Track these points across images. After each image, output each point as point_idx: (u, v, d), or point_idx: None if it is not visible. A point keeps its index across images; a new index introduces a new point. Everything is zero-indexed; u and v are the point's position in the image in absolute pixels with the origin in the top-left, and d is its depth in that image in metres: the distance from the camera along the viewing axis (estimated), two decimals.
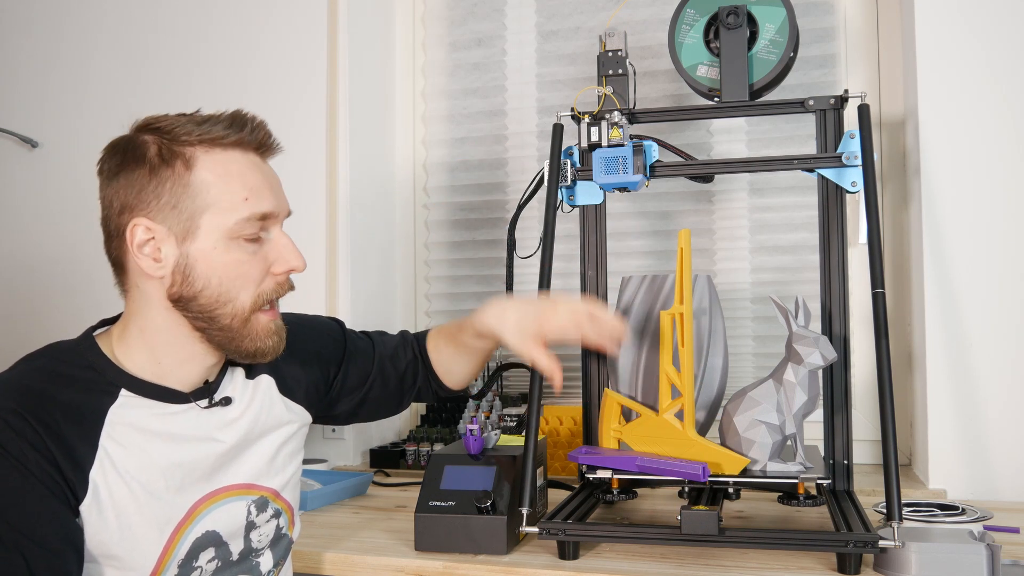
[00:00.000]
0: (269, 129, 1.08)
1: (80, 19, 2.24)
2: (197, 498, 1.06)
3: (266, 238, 1.06)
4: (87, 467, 0.97)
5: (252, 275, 1.04)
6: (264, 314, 1.07)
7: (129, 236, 1.01)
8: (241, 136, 1.04)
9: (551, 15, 2.11)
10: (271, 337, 1.07)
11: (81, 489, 0.96)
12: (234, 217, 1.02)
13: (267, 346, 1.07)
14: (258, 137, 1.06)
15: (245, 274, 1.03)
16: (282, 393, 1.20)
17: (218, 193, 1.01)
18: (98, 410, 1.00)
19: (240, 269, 1.03)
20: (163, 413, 1.04)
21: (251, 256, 1.04)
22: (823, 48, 1.90)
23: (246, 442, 1.12)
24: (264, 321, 1.07)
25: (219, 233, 1.01)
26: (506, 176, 2.14)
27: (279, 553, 1.18)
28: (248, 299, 1.04)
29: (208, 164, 1.02)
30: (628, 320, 1.44)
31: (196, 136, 1.01)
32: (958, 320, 1.58)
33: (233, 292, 1.03)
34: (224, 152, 1.03)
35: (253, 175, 1.04)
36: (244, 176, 1.03)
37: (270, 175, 1.08)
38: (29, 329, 2.23)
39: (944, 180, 1.59)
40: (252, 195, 1.03)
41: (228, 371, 1.14)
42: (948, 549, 1.11)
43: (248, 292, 1.04)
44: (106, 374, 1.02)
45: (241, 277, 1.03)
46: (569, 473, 1.79)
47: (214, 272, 1.02)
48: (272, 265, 1.06)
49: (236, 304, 1.03)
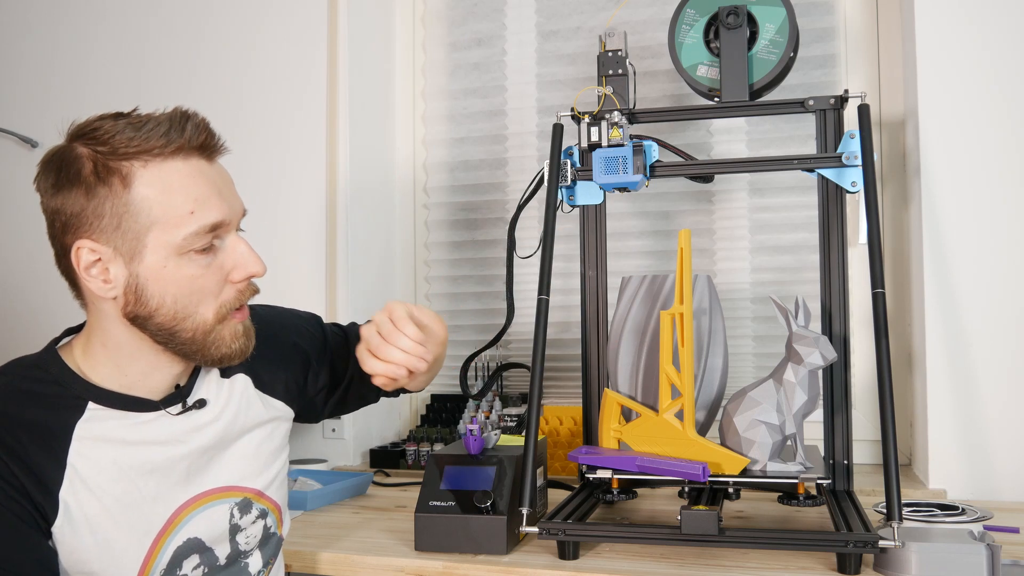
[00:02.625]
0: (211, 128, 1.01)
1: (80, 19, 2.24)
2: (177, 505, 1.04)
3: (220, 246, 1.01)
4: (55, 488, 0.95)
5: (208, 288, 1.00)
6: (231, 320, 1.03)
7: (75, 259, 0.97)
8: (181, 142, 0.97)
9: (551, 15, 2.11)
10: (238, 340, 1.04)
11: (51, 511, 0.95)
12: (181, 233, 0.96)
13: (234, 350, 1.04)
14: (200, 139, 0.99)
15: (201, 288, 0.99)
16: (259, 389, 1.16)
17: (162, 210, 0.95)
18: (65, 427, 0.97)
19: (195, 284, 0.98)
20: (133, 423, 1.02)
21: (205, 269, 0.99)
22: (823, 48, 1.90)
23: (223, 443, 1.10)
24: (231, 326, 1.03)
25: (167, 250, 0.96)
26: (506, 176, 2.14)
27: (268, 553, 1.17)
28: (210, 312, 1.00)
29: (147, 179, 0.95)
30: (627, 320, 1.45)
31: (134, 147, 0.95)
32: (958, 320, 1.58)
33: (191, 307, 0.99)
34: (164, 163, 0.96)
35: (197, 184, 0.98)
36: (187, 187, 0.97)
37: (217, 179, 1.01)
38: (29, 329, 2.23)
39: (944, 180, 1.59)
40: (198, 207, 0.97)
41: (201, 372, 1.11)
42: (948, 549, 1.11)
43: (208, 305, 1.00)
44: (72, 388, 1.00)
45: (197, 292, 0.99)
46: (569, 473, 1.79)
47: (167, 290, 0.97)
48: (230, 273, 1.01)
49: (196, 319, 1.00)
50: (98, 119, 0.98)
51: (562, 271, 2.00)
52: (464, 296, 2.17)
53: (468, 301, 2.16)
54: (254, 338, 1.08)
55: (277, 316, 1.28)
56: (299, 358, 1.25)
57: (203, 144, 0.99)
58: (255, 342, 1.12)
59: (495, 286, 2.13)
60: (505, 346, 2.08)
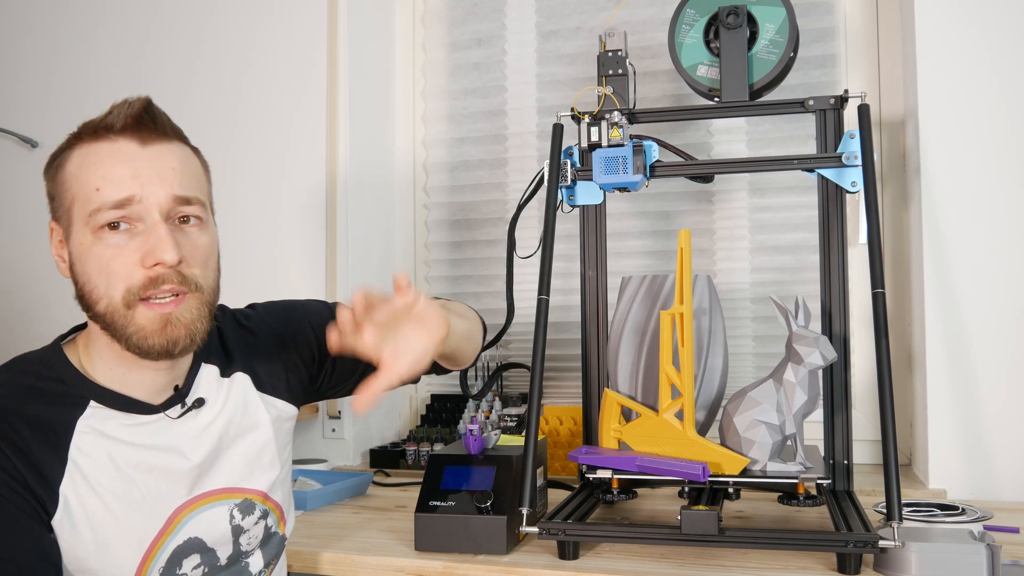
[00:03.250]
0: (141, 112, 0.99)
1: (80, 19, 2.24)
2: (176, 506, 1.04)
3: (143, 229, 0.98)
4: (56, 482, 0.96)
5: (116, 269, 0.97)
6: (145, 308, 0.98)
7: (49, 240, 1.04)
8: (106, 125, 0.98)
9: (551, 15, 2.11)
10: (159, 334, 0.98)
11: (51, 504, 0.95)
12: (88, 208, 0.97)
13: (155, 343, 0.98)
14: (122, 123, 0.98)
15: (109, 268, 0.97)
16: (259, 390, 1.15)
17: (78, 186, 0.98)
18: (67, 423, 0.98)
19: (105, 263, 0.97)
20: (133, 424, 1.02)
21: (119, 249, 0.97)
22: (823, 48, 1.90)
23: (223, 445, 1.09)
24: (145, 316, 0.98)
25: (82, 226, 0.98)
26: (506, 176, 2.14)
27: (270, 552, 1.16)
28: (118, 294, 0.97)
29: (73, 158, 1.00)
30: (627, 320, 1.45)
31: (77, 133, 1.01)
32: (958, 320, 1.58)
33: (102, 288, 0.98)
34: (89, 144, 0.99)
35: (110, 163, 0.97)
36: (100, 165, 0.98)
37: (143, 161, 0.98)
38: (29, 329, 2.23)
39: (944, 180, 1.59)
40: (104, 183, 0.97)
41: (201, 370, 1.10)
42: (948, 549, 1.11)
43: (117, 288, 0.97)
44: (74, 385, 1.00)
45: (105, 272, 0.97)
46: (569, 473, 1.79)
47: (85, 267, 0.99)
48: (144, 258, 0.98)
49: (107, 300, 0.98)
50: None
51: (562, 271, 2.00)
52: (464, 296, 2.17)
53: (468, 301, 2.15)
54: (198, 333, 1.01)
55: (281, 309, 1.25)
56: (301, 350, 1.22)
57: (127, 126, 0.98)
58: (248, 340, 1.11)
59: (495, 286, 2.13)
60: (505, 346, 2.08)
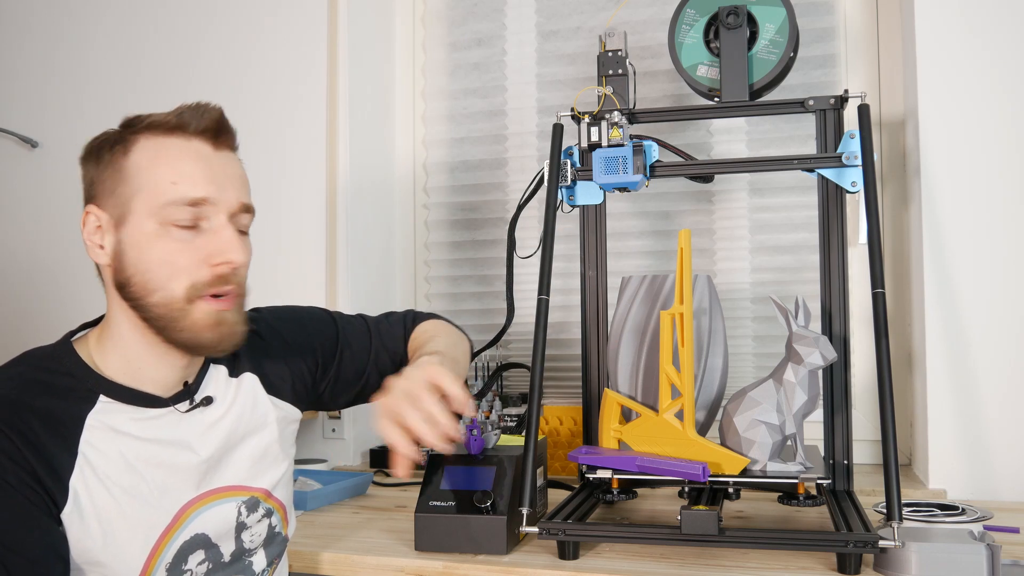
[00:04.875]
0: (220, 117, 1.04)
1: (80, 19, 2.24)
2: (184, 501, 1.05)
3: (207, 228, 1.01)
4: (66, 475, 0.96)
5: (182, 264, 1.00)
6: (205, 303, 1.01)
7: (82, 224, 1.04)
8: (182, 121, 1.01)
9: (551, 15, 2.11)
10: (211, 330, 1.02)
11: (61, 497, 0.96)
12: (159, 201, 0.99)
13: (206, 339, 1.02)
14: (202, 125, 1.02)
15: (174, 263, 1.00)
16: (267, 392, 1.17)
17: (147, 177, 1.00)
18: (77, 416, 0.99)
19: (170, 257, 0.99)
20: (142, 418, 1.03)
21: (183, 244, 1.00)
22: (823, 48, 1.90)
23: (231, 443, 1.11)
24: (203, 311, 1.01)
25: (147, 217, 0.99)
26: (506, 176, 2.14)
27: (273, 552, 1.17)
28: (180, 288, 1.00)
29: (142, 148, 1.01)
30: (627, 320, 1.45)
31: (144, 124, 1.02)
32: (958, 320, 1.58)
33: (161, 280, 1.00)
34: (162, 138, 1.01)
35: (188, 161, 1.01)
36: (176, 161, 1.00)
37: (217, 165, 1.03)
38: (29, 329, 2.23)
39: (944, 180, 1.59)
40: (182, 180, 0.99)
41: (209, 369, 1.12)
42: (948, 549, 1.11)
43: (179, 282, 1.00)
44: (84, 380, 1.01)
45: (169, 265, 0.99)
46: (569, 473, 1.79)
47: (141, 258, 1.00)
48: (210, 256, 1.01)
49: (165, 292, 1.00)
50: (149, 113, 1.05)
51: (562, 271, 2.00)
52: (464, 296, 2.17)
53: (468, 301, 2.16)
54: (239, 335, 1.06)
55: (286, 317, 1.28)
56: (307, 358, 1.25)
57: (206, 129, 1.03)
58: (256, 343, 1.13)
59: (495, 286, 2.13)
60: (505, 346, 2.08)
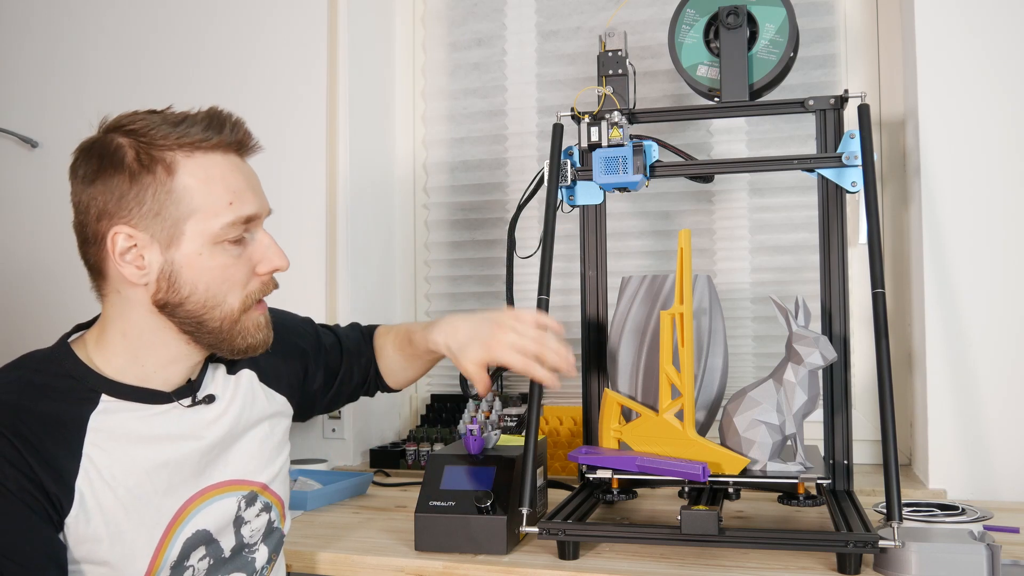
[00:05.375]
0: (247, 128, 1.06)
1: (80, 19, 2.24)
2: (186, 498, 1.06)
3: (250, 239, 1.05)
4: (71, 478, 0.96)
5: (238, 278, 1.04)
6: (254, 311, 1.07)
7: (111, 244, 0.99)
8: (221, 138, 1.02)
9: (551, 15, 2.11)
10: (261, 331, 1.08)
11: (67, 501, 0.96)
12: (219, 222, 1.01)
13: (258, 340, 1.08)
14: (237, 137, 1.04)
15: (231, 277, 1.03)
16: (263, 382, 1.20)
17: (202, 199, 1.00)
18: (79, 418, 0.99)
19: (226, 273, 1.03)
20: (146, 415, 1.04)
21: (236, 259, 1.03)
22: (823, 48, 1.90)
23: (231, 438, 1.12)
24: (254, 317, 1.07)
25: (204, 238, 1.00)
26: (506, 176, 2.14)
27: (272, 547, 1.18)
28: (236, 301, 1.04)
29: (190, 169, 1.00)
30: (627, 320, 1.45)
31: (175, 140, 0.99)
32: (958, 320, 1.58)
33: (220, 296, 1.03)
34: (205, 156, 1.01)
35: (235, 178, 1.03)
36: (227, 179, 1.02)
37: (251, 175, 1.07)
38: (29, 329, 2.23)
39: (944, 180, 1.59)
40: (236, 199, 1.02)
41: (209, 368, 1.13)
42: (948, 549, 1.11)
43: (236, 295, 1.04)
44: (85, 381, 1.01)
45: (228, 281, 1.03)
46: (569, 473, 1.79)
47: (200, 278, 1.01)
48: (257, 266, 1.06)
49: (224, 308, 1.03)
50: (133, 113, 1.02)
51: (562, 271, 2.00)
52: (464, 296, 2.17)
53: (468, 301, 2.16)
54: (272, 334, 1.11)
55: (278, 315, 1.30)
56: (299, 356, 1.29)
57: (240, 142, 1.05)
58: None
59: (495, 286, 2.13)
60: None
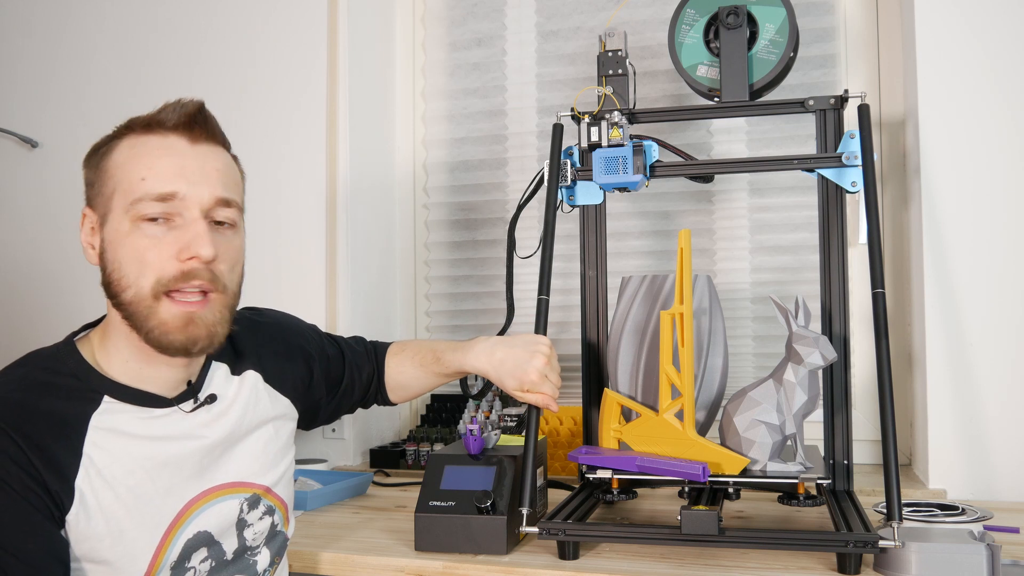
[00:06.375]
0: (195, 111, 1.03)
1: (80, 19, 2.24)
2: (188, 499, 1.06)
3: (180, 223, 1.00)
4: (72, 476, 0.96)
5: (152, 260, 0.99)
6: (172, 304, 1.00)
7: (80, 225, 1.05)
8: (158, 117, 1.02)
9: (551, 15, 2.11)
10: (181, 331, 1.00)
11: (67, 499, 0.96)
12: (130, 197, 1.00)
13: (175, 340, 1.01)
14: (175, 120, 1.02)
15: (144, 259, 0.99)
16: (267, 382, 1.19)
17: (122, 174, 1.01)
18: (81, 417, 0.99)
19: (141, 254, 0.99)
20: (147, 417, 1.04)
21: (154, 240, 0.99)
22: (823, 48, 1.90)
23: (233, 439, 1.12)
24: (172, 310, 1.00)
25: (122, 214, 1.00)
26: (506, 176, 2.14)
27: (275, 551, 1.18)
28: (148, 284, 0.99)
29: (121, 148, 1.02)
30: (627, 320, 1.45)
31: (128, 123, 1.03)
32: (958, 320, 1.58)
33: (133, 276, 0.99)
34: (139, 136, 1.02)
35: (158, 156, 1.01)
36: (148, 157, 1.01)
37: (191, 159, 1.02)
38: (29, 329, 2.23)
39: (944, 180, 1.59)
40: (151, 175, 0.99)
41: (212, 368, 1.13)
42: (948, 549, 1.11)
43: (148, 277, 0.99)
44: (88, 381, 1.02)
45: (139, 261, 0.99)
46: (569, 473, 1.79)
47: (117, 254, 1.00)
48: (180, 251, 1.00)
49: (135, 289, 0.99)
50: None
51: (562, 271, 2.00)
52: (464, 296, 2.17)
53: (468, 301, 2.16)
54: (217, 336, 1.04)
55: (286, 319, 1.32)
56: (304, 360, 1.28)
57: (179, 124, 1.03)
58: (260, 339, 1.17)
59: (495, 286, 2.13)
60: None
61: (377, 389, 1.41)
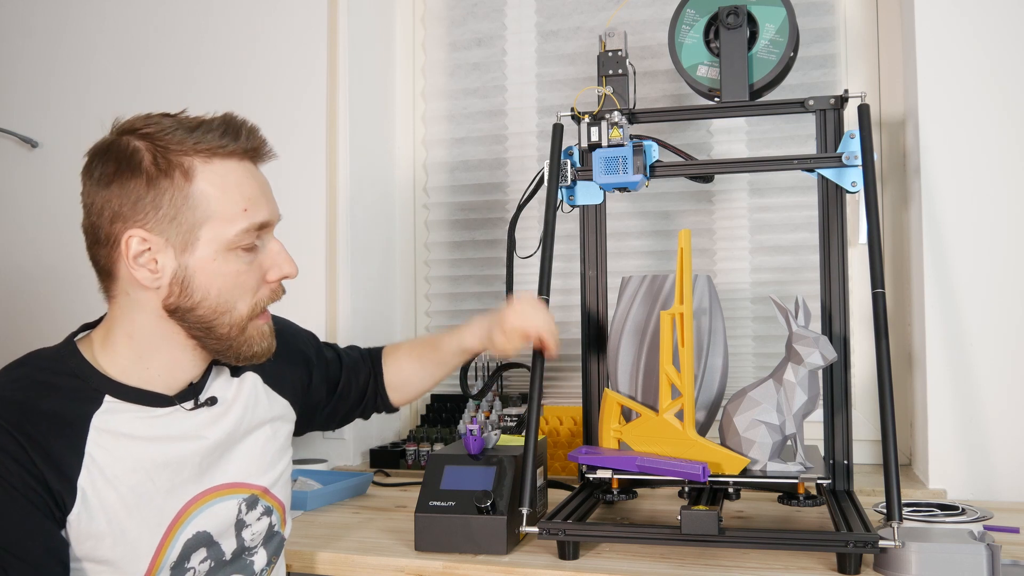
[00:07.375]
0: (262, 135, 1.08)
1: (80, 19, 2.24)
2: (187, 499, 1.06)
3: (261, 246, 1.06)
4: (74, 476, 0.97)
5: (249, 284, 1.05)
6: (259, 319, 1.08)
7: (124, 247, 1.00)
8: (238, 145, 1.03)
9: (551, 15, 2.11)
10: (265, 340, 1.09)
11: (69, 498, 0.96)
12: (234, 229, 1.02)
13: (262, 349, 1.09)
14: (253, 144, 1.06)
15: (243, 284, 1.04)
16: (266, 383, 1.20)
17: (218, 205, 1.01)
18: (83, 417, 0.99)
19: (238, 279, 1.04)
20: (148, 416, 1.04)
21: (248, 266, 1.05)
22: (823, 48, 1.90)
23: (233, 440, 1.12)
24: (259, 326, 1.08)
25: (218, 244, 1.01)
26: (506, 176, 2.14)
27: (272, 551, 1.18)
28: (245, 308, 1.05)
29: (207, 175, 1.01)
30: (627, 320, 1.45)
31: (191, 145, 1.00)
32: (958, 320, 1.58)
33: (231, 302, 1.04)
34: (222, 162, 1.02)
35: (250, 185, 1.04)
36: (242, 186, 1.03)
37: (264, 183, 1.08)
38: (29, 328, 2.23)
39: (944, 180, 1.59)
40: (250, 205, 1.03)
41: (213, 370, 1.14)
42: (948, 549, 1.11)
43: (245, 302, 1.05)
44: (90, 381, 1.02)
45: (239, 287, 1.04)
46: (569, 473, 1.79)
47: (213, 283, 1.02)
48: (267, 272, 1.07)
49: (234, 314, 1.04)
50: (147, 116, 1.03)
51: (562, 271, 2.00)
52: (464, 296, 2.17)
53: (468, 301, 2.16)
54: (275, 340, 1.12)
55: (285, 324, 1.33)
56: (303, 362, 1.30)
57: (255, 149, 1.06)
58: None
59: (495, 286, 2.13)
60: None
61: (376, 392, 1.41)
